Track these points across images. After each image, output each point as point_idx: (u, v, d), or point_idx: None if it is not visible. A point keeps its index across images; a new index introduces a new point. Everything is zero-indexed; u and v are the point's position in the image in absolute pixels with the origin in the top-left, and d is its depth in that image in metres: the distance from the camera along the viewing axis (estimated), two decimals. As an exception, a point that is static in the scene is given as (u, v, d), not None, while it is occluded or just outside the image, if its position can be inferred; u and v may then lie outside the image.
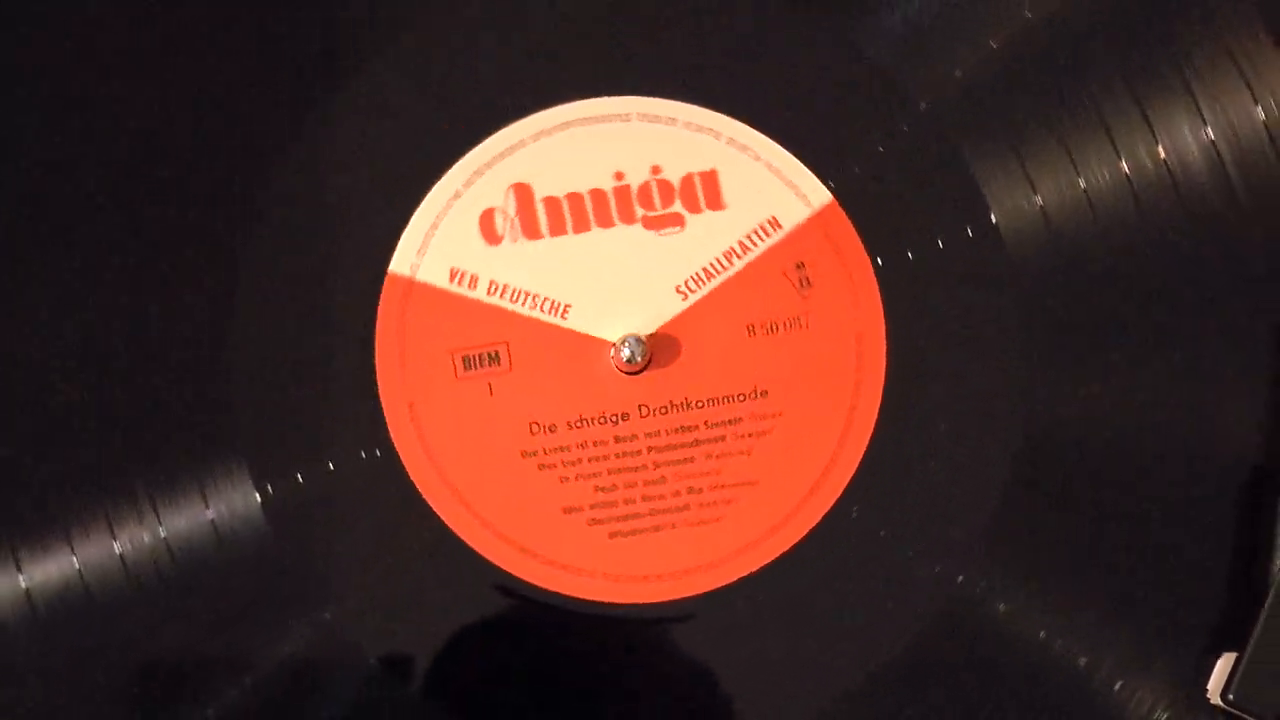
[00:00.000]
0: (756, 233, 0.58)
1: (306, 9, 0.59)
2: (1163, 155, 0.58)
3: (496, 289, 0.57)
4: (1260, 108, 0.58)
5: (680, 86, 0.59)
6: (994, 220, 0.58)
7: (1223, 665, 0.55)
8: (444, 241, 0.58)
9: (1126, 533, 0.57)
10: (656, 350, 0.57)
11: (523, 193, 0.58)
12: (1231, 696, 0.54)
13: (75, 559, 0.56)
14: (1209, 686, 0.55)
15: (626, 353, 0.57)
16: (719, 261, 0.58)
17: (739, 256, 0.58)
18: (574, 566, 0.57)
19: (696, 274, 0.58)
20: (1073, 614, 0.56)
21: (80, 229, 0.57)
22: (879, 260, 0.58)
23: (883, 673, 0.56)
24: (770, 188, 0.58)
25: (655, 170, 0.58)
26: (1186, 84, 0.58)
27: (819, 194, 0.58)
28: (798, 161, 0.58)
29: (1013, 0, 0.59)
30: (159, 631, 0.56)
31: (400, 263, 0.57)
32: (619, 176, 0.58)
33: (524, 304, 0.57)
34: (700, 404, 0.57)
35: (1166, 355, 0.57)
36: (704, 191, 0.58)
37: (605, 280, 0.58)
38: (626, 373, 0.57)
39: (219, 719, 0.55)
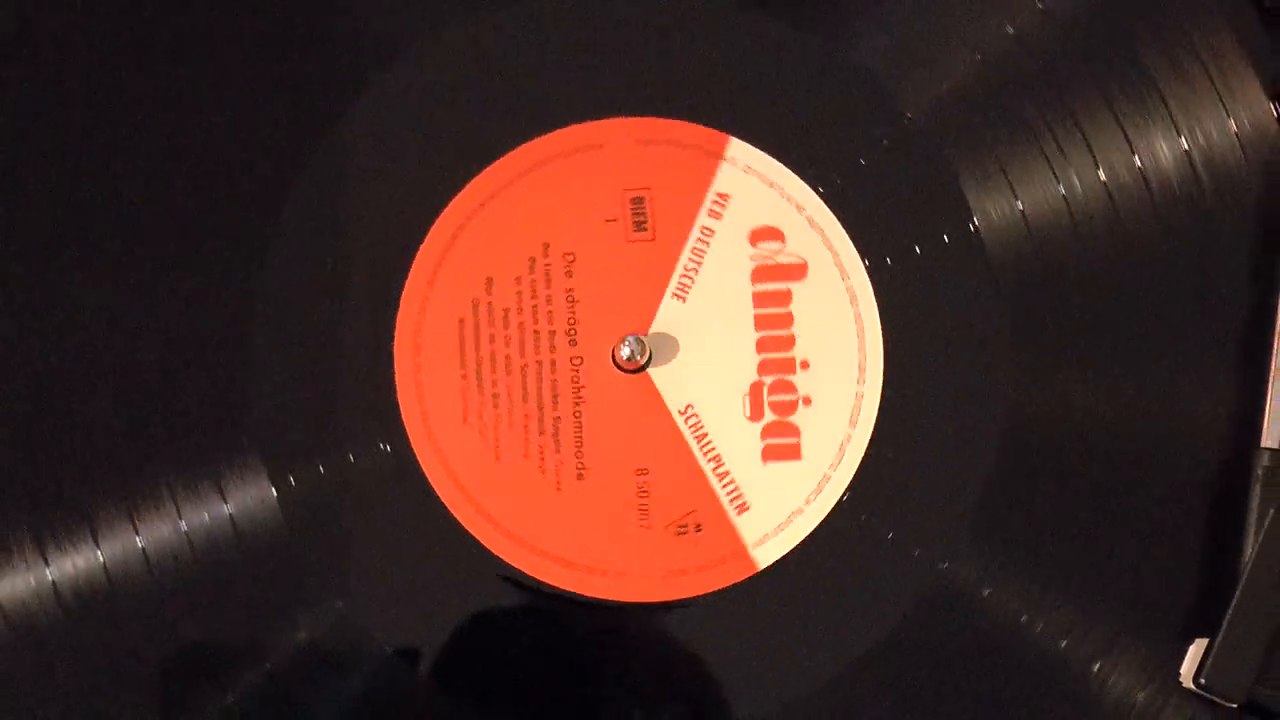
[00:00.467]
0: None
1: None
2: (1139, 164, 0.58)
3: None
4: (1232, 120, 0.58)
5: (672, 101, 0.59)
6: (977, 225, 0.58)
7: (1194, 650, 0.56)
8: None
9: (1105, 523, 0.57)
10: (632, 390, 0.58)
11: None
12: (1203, 680, 0.55)
13: (100, 553, 0.56)
14: (1181, 671, 0.56)
15: (626, 351, 0.57)
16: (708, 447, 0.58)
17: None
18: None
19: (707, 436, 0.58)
20: (1053, 599, 0.57)
21: (107, 233, 0.58)
22: (868, 262, 0.58)
23: (873, 654, 0.57)
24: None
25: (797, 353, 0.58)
26: (1162, 97, 0.58)
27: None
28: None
29: (996, 17, 0.59)
30: (180, 621, 0.56)
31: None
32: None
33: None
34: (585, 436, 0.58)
35: (1141, 354, 0.58)
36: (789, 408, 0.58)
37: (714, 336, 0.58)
38: (619, 364, 0.58)
39: (238, 703, 0.56)
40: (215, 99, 0.58)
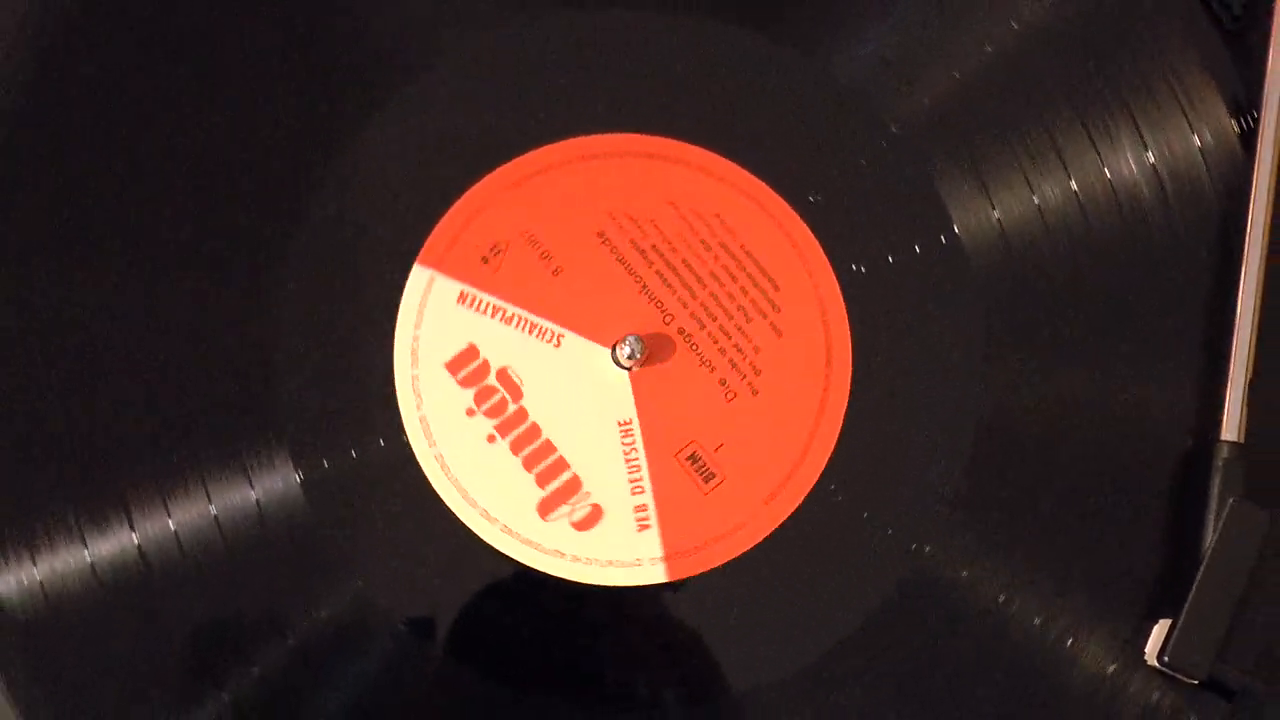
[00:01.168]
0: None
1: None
2: (1108, 176, 0.59)
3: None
4: (1195, 135, 0.59)
5: (667, 117, 0.60)
6: (956, 232, 0.59)
7: (1158, 630, 0.56)
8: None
9: (1076, 510, 0.58)
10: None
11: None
12: (1166, 658, 0.56)
13: (135, 535, 0.57)
14: (1146, 649, 0.57)
15: (627, 350, 0.58)
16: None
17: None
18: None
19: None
20: (1028, 581, 0.57)
21: (142, 239, 0.59)
22: (853, 267, 0.59)
23: (860, 631, 0.57)
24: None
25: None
26: (1130, 112, 0.60)
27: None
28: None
29: (974, 37, 0.60)
30: (209, 599, 0.57)
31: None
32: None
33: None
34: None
35: (1110, 352, 0.58)
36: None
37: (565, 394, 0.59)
38: (630, 365, 0.59)
39: (263, 676, 0.56)
40: (243, 116, 0.60)
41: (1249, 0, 0.60)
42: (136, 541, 0.57)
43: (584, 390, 0.59)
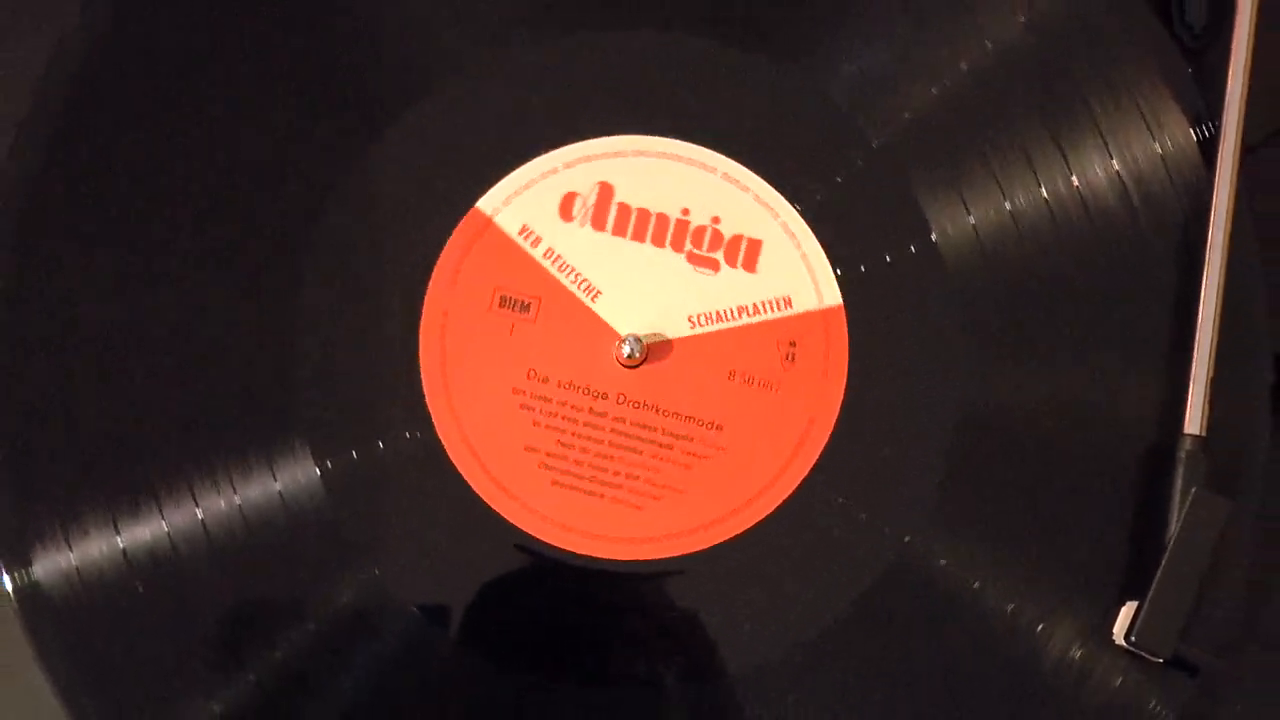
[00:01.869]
0: (771, 303, 0.61)
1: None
2: (1076, 184, 0.61)
3: (551, 255, 0.61)
4: (1157, 144, 0.61)
5: (682, 127, 0.62)
6: (934, 238, 0.61)
7: (1126, 612, 0.58)
8: (527, 202, 0.61)
9: (1048, 500, 0.59)
10: (651, 356, 0.60)
11: (606, 191, 0.61)
12: (1133, 639, 0.58)
13: (164, 524, 0.58)
14: (1114, 630, 0.58)
15: (627, 349, 0.60)
16: (731, 311, 0.61)
17: (748, 314, 0.61)
18: (519, 498, 0.59)
19: (708, 312, 0.61)
20: (1002, 568, 0.59)
21: (173, 249, 0.60)
22: (838, 271, 0.60)
23: (845, 616, 0.59)
24: (798, 273, 0.61)
25: (715, 220, 0.61)
26: (1096, 124, 0.61)
27: (833, 295, 0.61)
28: (827, 261, 0.61)
29: (950, 56, 0.61)
30: (234, 586, 0.58)
31: (487, 203, 0.61)
32: (685, 212, 0.61)
33: (567, 275, 0.61)
34: (666, 413, 0.60)
35: (1080, 350, 0.60)
36: (745, 253, 0.61)
37: (637, 285, 0.61)
38: (623, 365, 0.60)
39: (285, 659, 0.58)
40: (263, 120, 0.61)
41: (1209, 21, 0.62)
42: (166, 530, 0.59)
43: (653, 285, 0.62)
